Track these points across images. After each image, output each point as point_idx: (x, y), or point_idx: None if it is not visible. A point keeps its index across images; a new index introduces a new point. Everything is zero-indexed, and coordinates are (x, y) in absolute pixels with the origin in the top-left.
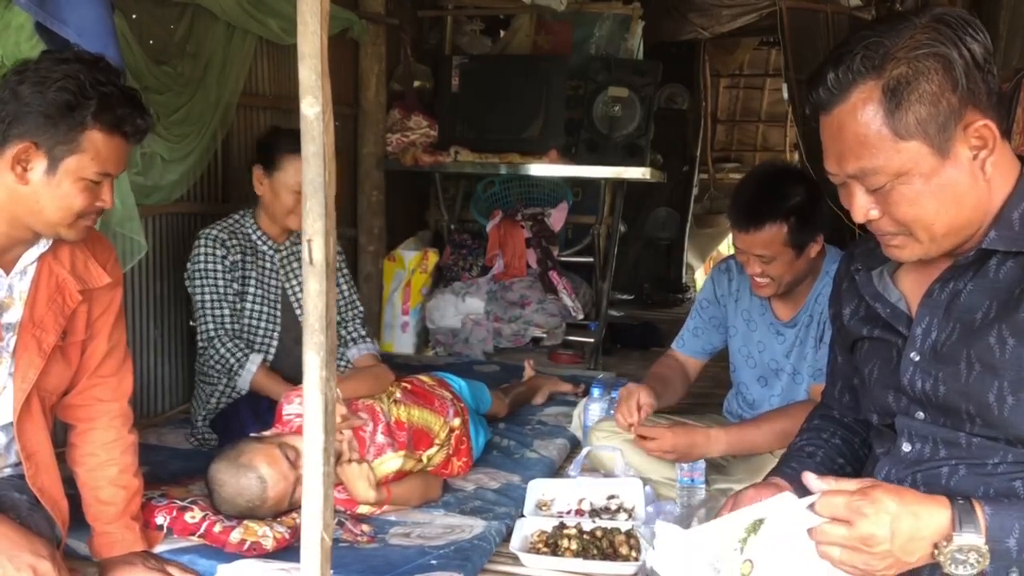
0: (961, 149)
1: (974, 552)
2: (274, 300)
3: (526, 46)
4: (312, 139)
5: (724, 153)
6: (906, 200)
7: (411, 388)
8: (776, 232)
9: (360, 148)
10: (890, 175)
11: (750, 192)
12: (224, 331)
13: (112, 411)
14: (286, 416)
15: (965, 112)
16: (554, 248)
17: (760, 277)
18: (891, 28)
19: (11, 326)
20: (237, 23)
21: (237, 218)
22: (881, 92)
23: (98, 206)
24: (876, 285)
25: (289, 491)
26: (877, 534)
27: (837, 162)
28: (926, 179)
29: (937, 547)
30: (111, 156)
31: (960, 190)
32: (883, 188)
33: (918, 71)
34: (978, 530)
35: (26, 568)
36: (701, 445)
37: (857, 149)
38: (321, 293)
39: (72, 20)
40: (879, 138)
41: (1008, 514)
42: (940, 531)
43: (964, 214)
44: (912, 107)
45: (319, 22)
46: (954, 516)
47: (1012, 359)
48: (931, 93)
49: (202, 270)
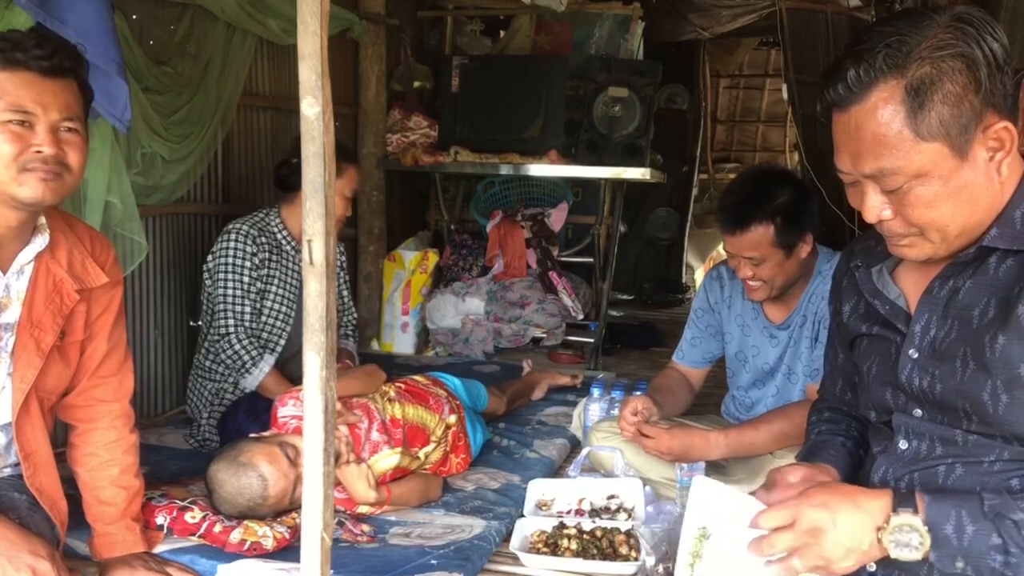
0: (979, 151)
1: (915, 533)
2: (291, 301)
3: (526, 46)
4: (312, 139)
5: (724, 153)
6: (923, 202)
7: (405, 387)
8: (763, 232)
9: (360, 148)
10: (908, 176)
11: (737, 195)
12: (243, 328)
13: (113, 411)
14: (281, 418)
15: (986, 114)
16: (554, 248)
17: (752, 280)
18: (913, 25)
19: (9, 326)
20: (237, 23)
21: (263, 215)
22: (904, 92)
23: (35, 152)
24: (876, 282)
25: (289, 489)
26: (818, 523)
27: (852, 161)
28: (944, 181)
29: (880, 530)
30: (21, 92)
31: (975, 191)
32: (900, 189)
33: (943, 71)
34: (915, 511)
35: (25, 568)
36: (699, 447)
37: (876, 149)
38: (321, 293)
39: (72, 20)
40: (900, 138)
41: (946, 502)
42: (880, 515)
43: (977, 215)
44: (936, 108)
45: (319, 22)
46: (893, 500)
47: (1005, 357)
48: (955, 94)
49: (229, 264)
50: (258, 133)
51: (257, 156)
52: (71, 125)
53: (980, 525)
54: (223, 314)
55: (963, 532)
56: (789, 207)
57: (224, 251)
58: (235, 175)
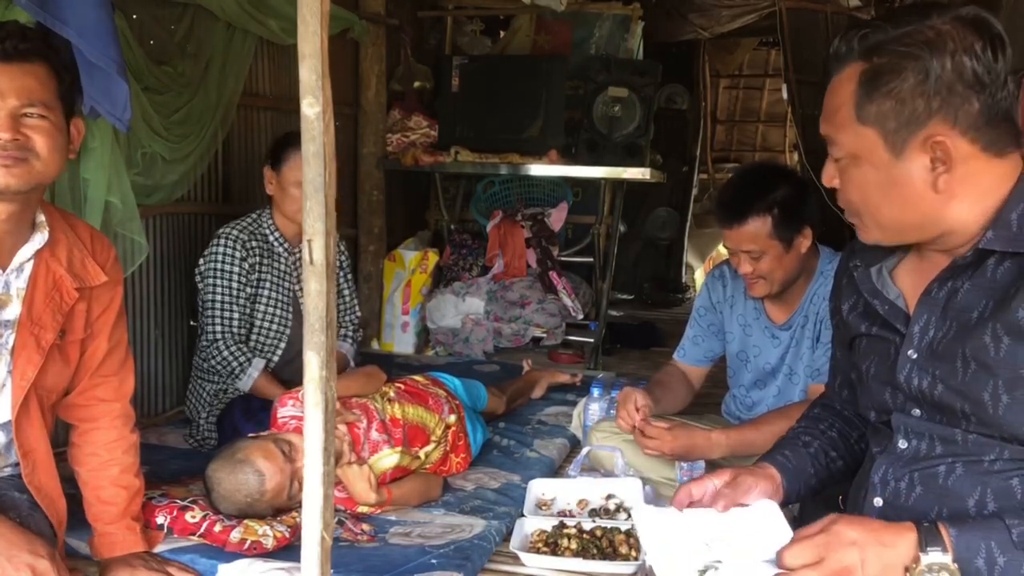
0: (918, 155)
1: (945, 571)
2: (285, 303)
3: (526, 46)
4: (312, 139)
5: (724, 153)
6: (854, 183)
7: (405, 388)
8: (760, 225)
9: (360, 148)
10: (846, 152)
11: (734, 189)
12: (231, 334)
13: (114, 411)
14: (281, 419)
15: (930, 122)
16: (554, 248)
17: (752, 277)
18: (902, 19)
19: (9, 323)
20: (237, 23)
21: (255, 217)
22: (859, 75)
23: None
24: (875, 282)
25: (286, 484)
26: (846, 563)
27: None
28: (875, 169)
29: (908, 571)
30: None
31: (907, 192)
32: (841, 162)
33: (895, 68)
34: (944, 549)
35: (25, 568)
36: (700, 448)
37: (829, 116)
38: (321, 293)
39: (73, 20)
40: (846, 115)
41: (973, 534)
42: (908, 554)
43: (910, 216)
44: (879, 99)
45: (319, 22)
46: (920, 538)
47: (1007, 358)
48: (900, 92)
49: (218, 270)
50: (258, 133)
51: (257, 156)
52: (35, 111)
53: (1012, 555)
54: (211, 320)
55: (994, 564)
56: (786, 200)
57: (212, 256)
58: (235, 175)
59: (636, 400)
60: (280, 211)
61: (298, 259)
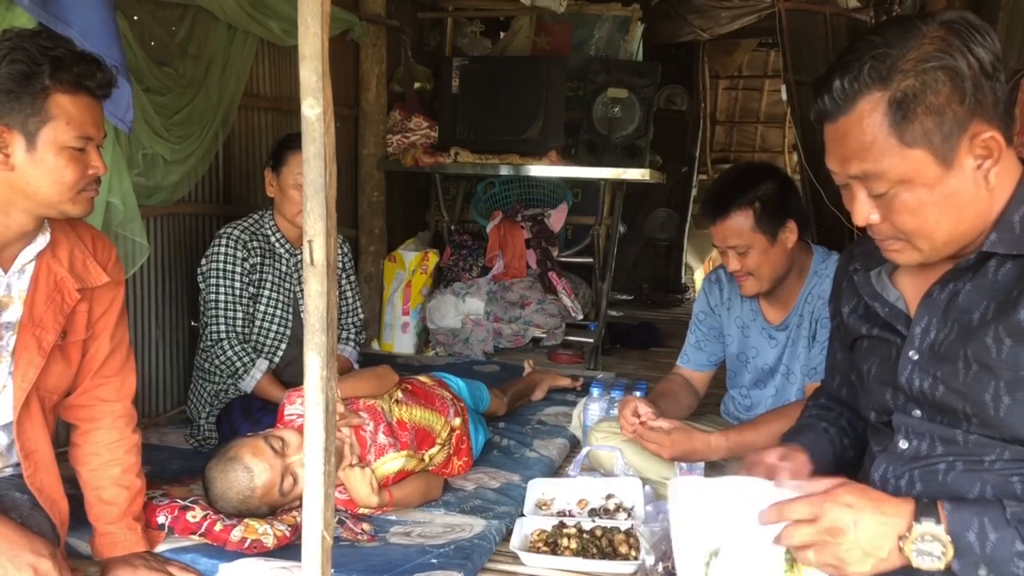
0: (965, 159)
1: (937, 542)
2: (286, 304)
3: (526, 47)
4: (313, 140)
5: (723, 154)
6: (908, 208)
7: (411, 389)
8: (743, 219)
9: (360, 149)
10: (893, 181)
11: (718, 186)
12: (234, 334)
13: (115, 411)
14: (287, 416)
15: (971, 123)
16: (554, 249)
17: (741, 273)
18: (899, 36)
19: (10, 325)
20: (238, 25)
21: (257, 218)
22: (887, 104)
23: (91, 174)
24: (874, 285)
25: (277, 480)
26: (839, 523)
27: (840, 164)
28: (929, 188)
29: (902, 539)
30: (84, 117)
31: (962, 200)
32: (886, 195)
33: (925, 84)
34: (938, 521)
35: (27, 568)
36: (700, 451)
37: (861, 153)
38: (322, 293)
39: (75, 21)
40: (885, 145)
41: (968, 510)
42: (903, 523)
43: (965, 223)
44: (919, 118)
45: (320, 24)
46: (915, 509)
47: (1009, 359)
48: (938, 105)
49: (220, 270)
50: (259, 134)
51: (258, 157)
52: None
53: (1003, 532)
54: (213, 320)
55: (986, 539)
56: (768, 193)
57: (214, 256)
58: (236, 176)
59: (636, 407)
60: (279, 212)
61: (300, 261)
